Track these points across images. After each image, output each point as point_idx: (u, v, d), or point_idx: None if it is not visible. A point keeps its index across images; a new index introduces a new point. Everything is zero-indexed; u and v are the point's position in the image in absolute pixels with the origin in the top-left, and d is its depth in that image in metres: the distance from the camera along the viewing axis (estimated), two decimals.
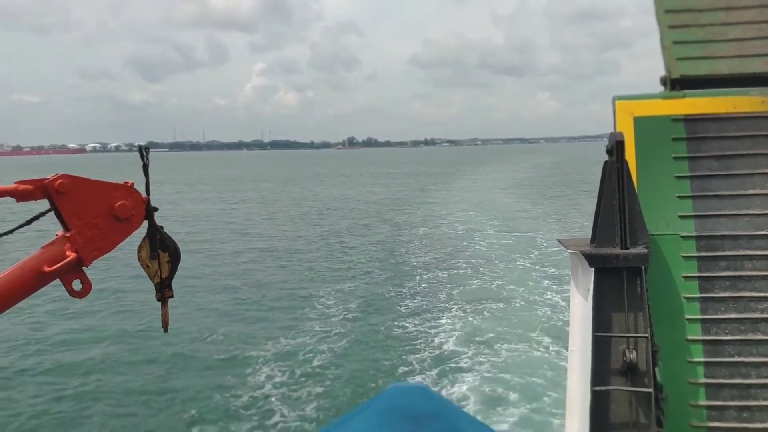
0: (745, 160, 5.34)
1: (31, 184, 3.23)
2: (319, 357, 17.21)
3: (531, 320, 19.78)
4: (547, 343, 17.55)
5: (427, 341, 18.29)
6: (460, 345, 17.85)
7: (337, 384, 15.36)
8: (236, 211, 59.14)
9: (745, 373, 4.91)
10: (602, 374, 4.58)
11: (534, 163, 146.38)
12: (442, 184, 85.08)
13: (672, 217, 5.25)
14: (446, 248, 34.06)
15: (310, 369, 16.39)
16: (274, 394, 14.91)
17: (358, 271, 29.17)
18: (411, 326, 19.75)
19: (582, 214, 44.25)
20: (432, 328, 19.49)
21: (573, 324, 5.39)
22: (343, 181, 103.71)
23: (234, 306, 23.55)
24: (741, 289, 5.04)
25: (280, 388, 15.23)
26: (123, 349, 18.09)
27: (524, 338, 18.07)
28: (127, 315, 21.81)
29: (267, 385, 15.45)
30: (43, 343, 19.29)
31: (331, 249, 35.90)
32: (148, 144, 3.82)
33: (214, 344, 18.66)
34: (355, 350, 17.80)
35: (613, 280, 4.75)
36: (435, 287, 25.18)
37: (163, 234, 3.65)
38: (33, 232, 4.35)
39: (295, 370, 16.29)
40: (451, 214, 49.79)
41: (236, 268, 30.80)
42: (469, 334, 18.66)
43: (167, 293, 3.71)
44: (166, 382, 15.97)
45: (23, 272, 3.16)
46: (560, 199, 58.54)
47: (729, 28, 5.97)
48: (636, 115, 5.48)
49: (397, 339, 18.65)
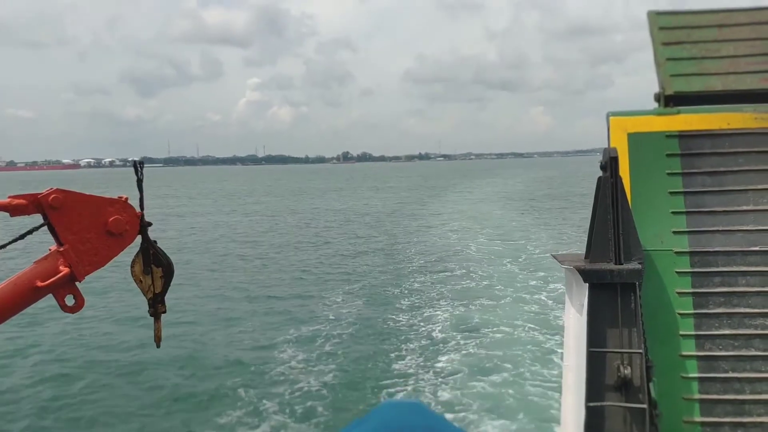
0: (738, 176, 5.38)
1: (24, 199, 3.21)
2: (332, 341, 19.70)
3: (516, 311, 22.21)
4: (529, 328, 19.93)
5: (419, 329, 20.88)
6: (450, 331, 20.30)
7: (348, 361, 17.85)
8: (245, 222, 60.88)
9: (739, 388, 4.90)
10: (597, 390, 4.56)
11: (527, 177, 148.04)
12: (437, 198, 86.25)
13: (666, 233, 5.26)
14: (439, 254, 36.16)
15: (326, 349, 18.92)
16: (296, 368, 17.44)
17: (359, 274, 31.16)
18: (406, 318, 22.35)
19: (572, 226, 45.93)
20: (424, 319, 21.97)
21: (567, 339, 5.38)
22: (342, 194, 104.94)
23: (252, 302, 25.83)
24: (735, 305, 5.05)
25: (301, 364, 17.70)
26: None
27: (509, 324, 20.52)
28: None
29: (293, 361, 17.96)
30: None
31: (334, 255, 38.03)
32: (143, 159, 3.81)
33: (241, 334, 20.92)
34: (361, 336, 20.34)
35: (607, 295, 4.76)
36: (428, 287, 27.41)
37: (156, 249, 3.63)
38: (24, 245, 4.32)
39: (312, 351, 18.83)
40: (445, 225, 51.40)
41: (250, 273, 32.72)
42: (458, 323, 21.15)
43: (160, 308, 3.69)
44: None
45: (16, 287, 3.13)
46: (551, 212, 59.88)
47: (722, 45, 6.03)
48: (630, 132, 5.51)
49: (393, 329, 21.15)
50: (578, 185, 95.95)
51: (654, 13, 6.35)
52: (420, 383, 15.91)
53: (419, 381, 16.08)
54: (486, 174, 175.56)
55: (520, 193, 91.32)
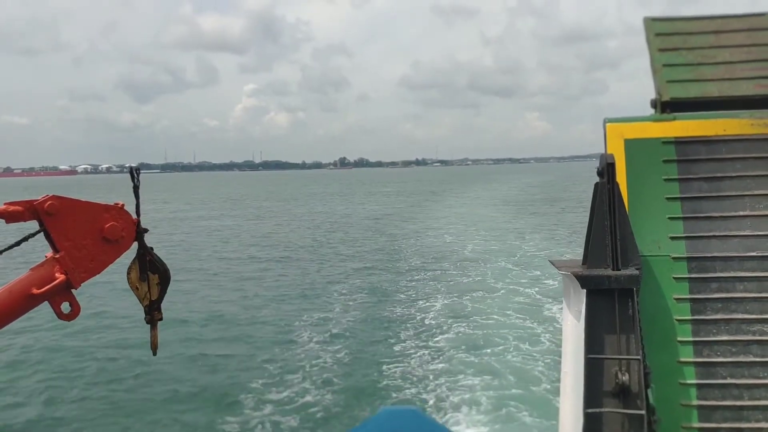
0: (735, 182, 5.38)
1: (20, 205, 3.19)
2: (338, 326, 22.24)
3: (506, 301, 24.52)
4: (516, 317, 21.96)
5: (416, 316, 23.36)
6: (443, 318, 22.62)
7: (354, 342, 20.26)
8: (248, 225, 63.09)
9: (738, 395, 4.89)
10: (595, 396, 4.55)
11: (523, 182, 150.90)
12: (434, 202, 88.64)
13: (663, 239, 5.26)
14: (435, 253, 38.48)
15: (335, 333, 21.38)
16: (312, 350, 19.61)
17: (360, 272, 33.64)
18: (403, 308, 24.85)
19: (565, 227, 49.07)
20: (420, 309, 24.44)
21: (565, 346, 5.37)
22: (340, 199, 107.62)
23: (275, 291, 28.97)
24: (733, 311, 5.04)
25: (317, 346, 19.97)
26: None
27: (499, 313, 22.64)
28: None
29: (311, 343, 20.24)
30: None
31: (336, 254, 40.73)
32: (140, 165, 3.81)
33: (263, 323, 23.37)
34: (363, 327, 22.29)
35: (605, 301, 4.75)
36: (425, 281, 29.92)
37: (153, 256, 3.62)
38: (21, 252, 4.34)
39: (325, 335, 21.27)
40: (442, 228, 53.54)
41: (260, 271, 35.21)
42: (452, 312, 23.37)
43: (156, 315, 3.67)
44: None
45: (11, 294, 3.11)
46: (545, 216, 61.68)
47: (718, 51, 6.05)
48: (627, 138, 5.52)
49: (393, 317, 23.52)
50: (572, 189, 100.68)
51: (650, 19, 6.37)
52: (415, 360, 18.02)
53: (414, 358, 18.22)
54: (484, 179, 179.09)
55: (516, 196, 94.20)
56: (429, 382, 16.57)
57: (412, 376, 16.96)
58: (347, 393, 15.95)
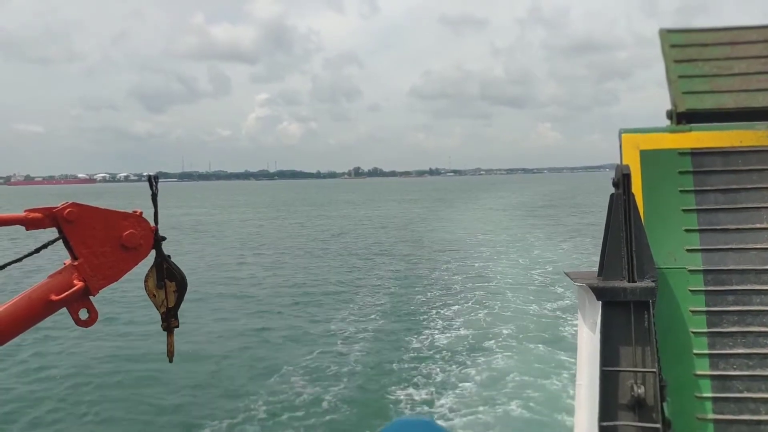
0: (751, 193, 5.34)
1: (40, 213, 3.23)
2: (361, 326, 23.40)
3: (523, 313, 25.12)
4: (532, 328, 22.52)
5: (437, 313, 25.28)
6: (462, 329, 23.07)
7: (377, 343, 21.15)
8: (300, 228, 69.24)
9: (754, 409, 4.83)
10: (610, 409, 4.52)
11: (536, 191, 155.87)
12: (452, 209, 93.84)
13: (679, 251, 5.22)
14: (457, 254, 42.14)
15: (357, 334, 22.33)
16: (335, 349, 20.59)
17: (386, 270, 36.78)
18: (427, 307, 26.42)
19: (579, 233, 52.01)
20: (442, 305, 26.54)
21: (580, 358, 5.33)
22: (371, 206, 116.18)
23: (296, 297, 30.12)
24: (749, 324, 4.99)
25: (343, 345, 20.92)
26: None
27: (515, 325, 23.22)
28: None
29: (338, 341, 21.29)
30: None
31: (366, 257, 43.71)
32: (158, 174, 3.84)
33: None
34: (387, 326, 23.48)
35: (620, 313, 4.72)
36: (445, 280, 32.49)
37: (170, 263, 3.65)
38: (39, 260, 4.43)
39: (345, 334, 22.36)
40: (461, 231, 57.80)
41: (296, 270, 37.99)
42: (469, 324, 23.88)
43: (173, 323, 3.70)
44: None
45: (31, 300, 3.15)
46: (554, 219, 66.37)
47: (734, 63, 6.02)
48: (642, 149, 5.49)
49: (414, 314, 25.28)
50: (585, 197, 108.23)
51: (666, 30, 6.36)
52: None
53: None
54: (498, 188, 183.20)
55: (532, 203, 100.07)
56: (442, 393, 16.49)
57: (427, 387, 16.87)
58: (360, 403, 15.88)
